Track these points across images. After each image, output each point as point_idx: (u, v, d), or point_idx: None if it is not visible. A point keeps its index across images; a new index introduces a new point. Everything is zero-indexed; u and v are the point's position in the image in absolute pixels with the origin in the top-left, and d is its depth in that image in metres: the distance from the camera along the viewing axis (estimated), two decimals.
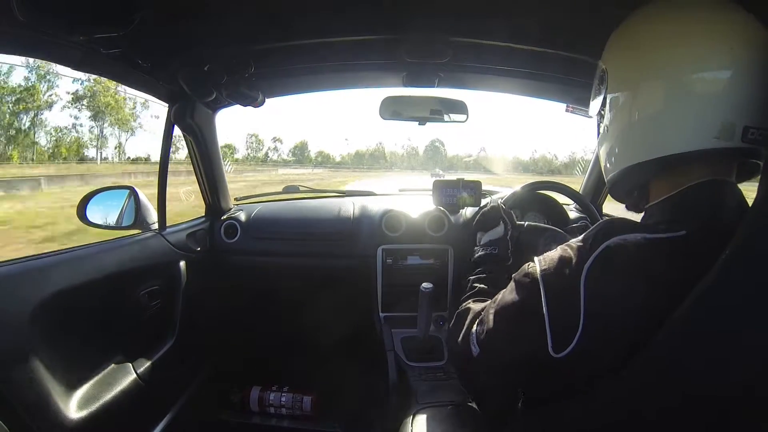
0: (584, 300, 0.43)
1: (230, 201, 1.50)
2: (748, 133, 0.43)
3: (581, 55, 0.98)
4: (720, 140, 0.43)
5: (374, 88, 1.35)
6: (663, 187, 0.50)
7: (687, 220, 0.45)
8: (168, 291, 1.18)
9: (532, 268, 0.50)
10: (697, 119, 0.44)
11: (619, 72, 0.51)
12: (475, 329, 0.57)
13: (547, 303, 0.46)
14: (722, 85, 0.43)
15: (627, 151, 0.51)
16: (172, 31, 0.88)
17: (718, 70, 0.43)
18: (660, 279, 0.42)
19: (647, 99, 0.47)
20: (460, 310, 0.67)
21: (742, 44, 0.42)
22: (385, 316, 1.32)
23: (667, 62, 0.45)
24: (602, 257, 0.44)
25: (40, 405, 0.77)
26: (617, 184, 0.55)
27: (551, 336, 0.45)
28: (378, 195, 1.66)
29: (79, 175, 19.38)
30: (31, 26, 0.68)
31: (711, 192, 0.46)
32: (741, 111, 0.43)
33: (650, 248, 0.44)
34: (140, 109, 41.94)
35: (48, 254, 0.85)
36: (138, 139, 43.09)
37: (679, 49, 0.44)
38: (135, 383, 0.98)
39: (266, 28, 0.94)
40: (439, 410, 0.91)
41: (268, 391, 1.48)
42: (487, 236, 0.84)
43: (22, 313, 0.74)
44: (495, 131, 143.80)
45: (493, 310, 0.54)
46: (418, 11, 0.86)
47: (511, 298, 0.52)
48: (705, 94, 0.43)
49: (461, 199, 1.30)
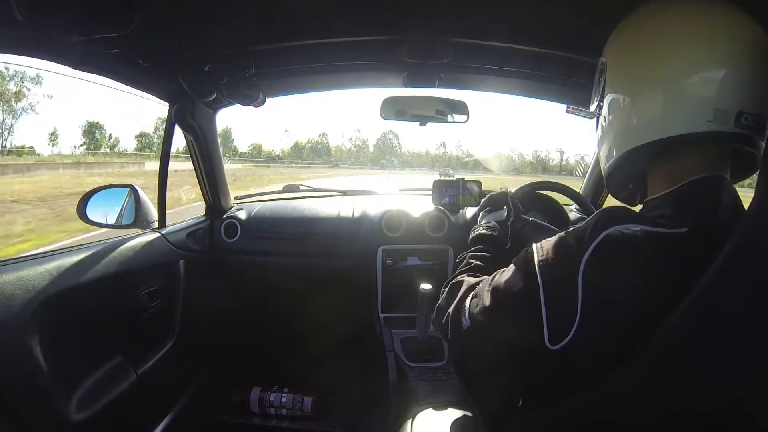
0: (582, 292, 0.43)
1: (230, 200, 1.50)
2: (742, 118, 0.44)
3: (581, 56, 0.98)
4: (714, 124, 0.45)
5: (374, 89, 1.35)
6: (661, 180, 0.51)
7: (688, 217, 0.45)
8: (168, 291, 1.17)
9: (530, 256, 0.50)
10: (692, 104, 0.46)
11: (618, 63, 0.53)
12: (468, 302, 0.57)
13: (545, 293, 0.46)
14: (717, 74, 0.45)
15: (623, 137, 0.52)
16: (172, 31, 0.88)
17: (714, 61, 0.45)
18: (659, 275, 0.42)
19: (643, 88, 0.49)
20: (454, 280, 0.67)
21: (737, 38, 0.45)
22: (385, 317, 1.32)
23: (663, 55, 0.47)
24: (601, 248, 0.43)
25: (40, 405, 0.77)
26: (614, 173, 0.55)
27: (548, 327, 0.45)
28: (378, 194, 1.66)
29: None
30: (31, 26, 0.68)
31: (711, 189, 0.47)
32: (735, 97, 0.45)
33: (650, 242, 0.44)
34: (30, 85, 30.47)
35: (48, 254, 0.85)
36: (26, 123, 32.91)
37: (676, 44, 0.47)
38: (135, 383, 0.98)
39: (266, 28, 0.94)
40: (439, 410, 0.91)
41: (268, 392, 1.48)
42: (489, 216, 0.85)
43: (22, 313, 0.74)
44: (474, 130, 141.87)
45: (489, 288, 0.54)
46: (418, 12, 0.86)
47: (509, 282, 0.52)
48: (700, 81, 0.46)
49: (461, 199, 1.30)
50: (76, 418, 0.82)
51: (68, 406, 0.81)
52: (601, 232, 0.44)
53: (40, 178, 15.25)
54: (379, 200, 1.51)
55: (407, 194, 1.71)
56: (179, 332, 1.18)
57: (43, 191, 10.17)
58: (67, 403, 0.82)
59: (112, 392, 0.91)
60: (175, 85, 1.00)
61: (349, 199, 1.55)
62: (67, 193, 9.69)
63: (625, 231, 0.44)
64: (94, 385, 0.89)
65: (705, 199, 0.46)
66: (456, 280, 0.67)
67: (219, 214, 1.44)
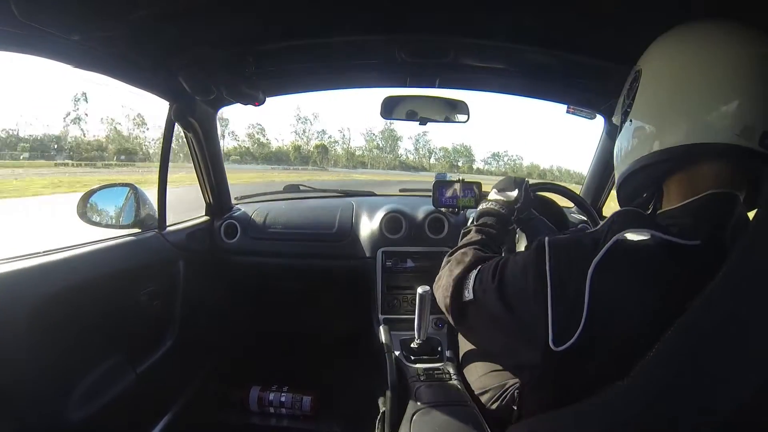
0: (589, 295, 0.43)
1: (231, 200, 1.50)
2: (766, 139, 0.46)
3: (582, 56, 0.98)
4: (740, 138, 0.46)
5: (375, 88, 1.35)
6: (678, 188, 0.51)
7: (702, 230, 0.45)
8: (168, 291, 1.17)
9: (542, 249, 0.49)
10: (723, 116, 0.47)
11: (656, 73, 0.54)
12: (474, 275, 0.58)
13: (552, 289, 0.46)
14: (751, 96, 0.47)
15: (650, 139, 0.52)
16: (172, 30, 0.87)
17: (751, 80, 0.47)
18: (667, 283, 0.42)
19: (680, 99, 0.50)
20: (461, 250, 0.67)
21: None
22: (385, 318, 1.31)
23: (703, 70, 0.49)
24: (611, 253, 0.43)
25: (40, 404, 0.77)
26: (631, 177, 0.55)
27: (552, 326, 0.45)
28: (378, 195, 1.66)
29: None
30: (30, 24, 0.68)
31: (727, 205, 0.47)
32: (763, 118, 0.46)
33: (661, 251, 0.44)
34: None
35: (48, 253, 0.85)
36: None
37: (718, 60, 0.48)
38: (135, 383, 0.98)
39: (266, 28, 0.94)
40: (439, 410, 0.91)
41: (267, 391, 1.48)
42: (499, 195, 0.85)
43: (22, 312, 0.74)
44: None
45: (497, 270, 0.54)
46: (418, 11, 0.86)
47: (517, 271, 0.52)
48: (734, 97, 0.47)
49: (461, 201, 1.30)
50: (76, 417, 0.82)
51: (68, 405, 0.82)
52: (614, 236, 0.44)
53: None
54: (379, 201, 1.51)
55: (407, 196, 1.71)
56: (179, 332, 1.18)
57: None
58: (67, 402, 0.82)
59: (112, 391, 0.91)
60: (175, 84, 1.00)
61: (350, 201, 1.55)
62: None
63: (636, 238, 0.44)
64: (94, 384, 0.89)
65: (722, 214, 0.47)
66: (462, 250, 0.68)
67: (219, 214, 1.44)
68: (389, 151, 46.36)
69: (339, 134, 42.95)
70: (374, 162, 44.40)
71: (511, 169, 43.59)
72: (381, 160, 45.26)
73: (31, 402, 0.76)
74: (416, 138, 46.91)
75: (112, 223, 1.12)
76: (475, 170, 44.95)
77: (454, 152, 47.24)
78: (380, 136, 45.33)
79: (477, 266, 0.60)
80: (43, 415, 0.78)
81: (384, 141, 45.89)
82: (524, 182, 0.85)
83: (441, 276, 0.68)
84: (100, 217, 1.09)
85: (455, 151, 47.27)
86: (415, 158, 46.61)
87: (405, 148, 47.75)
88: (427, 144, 46.87)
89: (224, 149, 22.79)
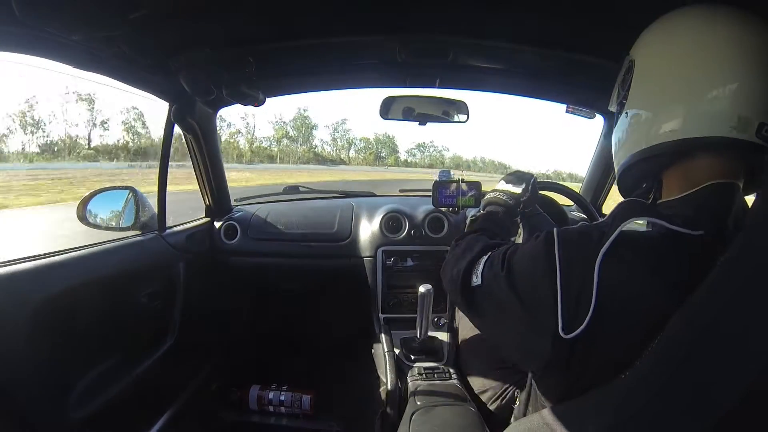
0: (597, 284, 0.43)
1: (230, 202, 1.50)
2: (763, 129, 0.45)
3: (582, 56, 0.98)
4: (735, 131, 0.46)
5: (375, 88, 1.35)
6: (677, 181, 0.51)
7: (705, 220, 0.45)
8: (168, 292, 1.18)
9: (551, 239, 0.49)
10: (718, 109, 0.47)
11: (648, 63, 0.54)
12: (483, 261, 0.58)
13: (561, 278, 0.46)
14: (746, 82, 0.46)
15: (647, 133, 0.52)
16: (172, 30, 0.87)
17: (745, 70, 0.46)
18: (672, 273, 0.43)
19: (673, 89, 0.50)
20: (469, 236, 0.68)
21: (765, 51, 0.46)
22: (385, 318, 1.32)
23: (696, 59, 0.48)
24: (617, 244, 0.44)
25: (40, 404, 0.77)
26: (629, 170, 0.55)
27: (562, 312, 0.45)
28: (378, 196, 1.66)
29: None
30: (30, 25, 0.68)
31: (727, 195, 0.47)
32: (760, 107, 0.46)
33: (666, 240, 0.44)
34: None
35: (48, 255, 0.85)
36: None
37: (710, 49, 0.48)
38: (135, 383, 0.98)
39: (266, 28, 0.94)
40: (439, 410, 0.91)
41: (267, 390, 1.48)
42: (507, 186, 0.86)
43: (22, 313, 0.74)
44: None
45: (506, 257, 0.54)
46: (418, 11, 0.86)
47: (526, 258, 0.52)
48: (729, 88, 0.47)
49: (461, 200, 1.30)
50: (76, 417, 0.82)
51: (68, 406, 0.82)
52: (618, 226, 0.45)
53: None
54: (379, 202, 1.51)
55: (407, 196, 1.71)
56: (179, 333, 1.19)
57: None
58: (67, 402, 0.82)
59: (112, 391, 0.91)
60: (174, 84, 1.00)
61: (349, 201, 1.55)
62: None
63: (641, 228, 0.44)
64: (95, 385, 0.90)
65: (723, 205, 0.47)
66: (471, 236, 0.68)
67: (219, 215, 1.44)
68: (302, 141, 38.43)
69: (242, 123, 32.34)
70: (284, 155, 36.58)
71: (435, 160, 39.39)
72: (292, 152, 37.52)
73: (32, 402, 0.76)
74: (334, 127, 39.36)
75: (112, 226, 1.12)
76: (402, 162, 39.28)
77: (377, 143, 40.37)
78: (291, 124, 37.41)
79: (486, 253, 0.60)
80: (44, 415, 0.78)
81: (296, 130, 37.79)
82: (532, 178, 0.86)
83: (448, 261, 0.68)
84: (100, 220, 1.09)
85: (377, 142, 40.37)
86: (332, 150, 39.66)
87: (321, 139, 40.20)
88: (346, 134, 39.60)
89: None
